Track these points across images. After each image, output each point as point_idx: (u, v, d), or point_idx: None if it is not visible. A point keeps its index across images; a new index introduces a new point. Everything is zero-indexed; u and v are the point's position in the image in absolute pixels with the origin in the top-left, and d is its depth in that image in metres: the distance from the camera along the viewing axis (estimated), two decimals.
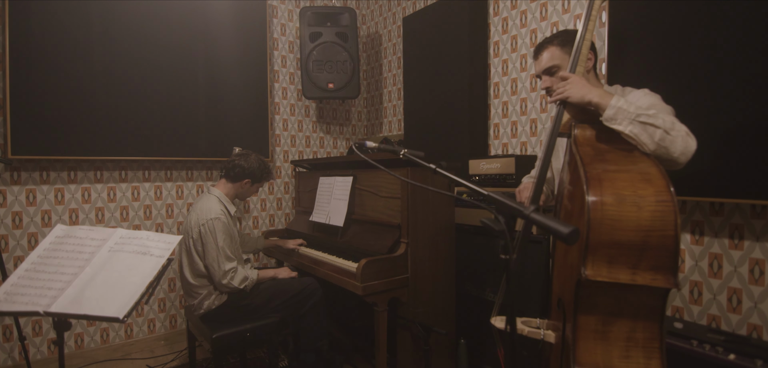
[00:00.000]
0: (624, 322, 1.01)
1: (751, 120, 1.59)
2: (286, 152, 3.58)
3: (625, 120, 1.14)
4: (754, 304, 1.74)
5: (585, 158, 1.10)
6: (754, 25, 1.58)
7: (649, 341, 1.00)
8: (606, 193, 0.99)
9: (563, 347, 1.14)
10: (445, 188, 2.26)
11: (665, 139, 1.12)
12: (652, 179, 1.01)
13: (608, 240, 0.97)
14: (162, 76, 2.84)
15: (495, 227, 0.82)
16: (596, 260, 0.98)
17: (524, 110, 2.59)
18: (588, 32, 1.29)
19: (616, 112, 1.15)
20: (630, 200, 0.98)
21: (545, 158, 1.26)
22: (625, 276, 0.97)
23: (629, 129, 1.13)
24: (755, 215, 1.72)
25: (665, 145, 1.12)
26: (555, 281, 1.33)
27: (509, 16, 2.66)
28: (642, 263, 0.96)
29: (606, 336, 1.03)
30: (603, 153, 1.12)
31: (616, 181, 1.01)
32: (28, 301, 1.15)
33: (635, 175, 1.02)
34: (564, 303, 1.14)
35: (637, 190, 0.99)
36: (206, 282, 2.16)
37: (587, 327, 1.04)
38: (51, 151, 2.51)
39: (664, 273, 0.95)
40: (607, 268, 0.98)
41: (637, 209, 0.97)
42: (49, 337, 2.63)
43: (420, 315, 2.16)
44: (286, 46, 3.56)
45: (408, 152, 1.18)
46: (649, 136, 1.12)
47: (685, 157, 1.16)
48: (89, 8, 2.58)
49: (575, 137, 1.19)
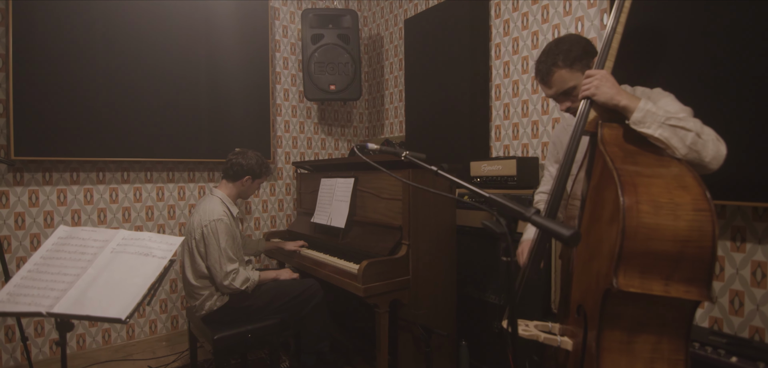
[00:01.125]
0: (650, 334, 0.97)
1: (753, 122, 1.59)
2: (287, 154, 3.58)
3: (654, 123, 1.08)
4: (757, 307, 1.73)
5: (615, 160, 1.03)
6: (756, 27, 1.58)
7: (674, 353, 0.96)
8: (642, 198, 0.94)
9: (583, 355, 1.09)
10: (446, 190, 2.26)
11: (697, 143, 1.08)
12: (688, 185, 0.95)
13: (643, 250, 0.92)
14: (164, 77, 2.85)
15: (496, 230, 0.82)
16: (629, 270, 0.93)
17: (526, 112, 2.59)
18: (619, 25, 1.23)
19: (644, 115, 1.09)
20: (667, 207, 0.92)
21: (567, 158, 1.21)
22: (658, 288, 0.92)
23: (659, 133, 1.08)
24: (757, 218, 1.71)
25: (697, 149, 1.08)
26: (575, 287, 1.26)
27: (510, 18, 2.67)
28: (676, 275, 0.92)
29: (631, 347, 0.98)
30: (633, 155, 1.06)
31: (651, 186, 0.96)
32: (31, 302, 1.15)
33: (670, 181, 0.97)
34: (586, 311, 1.09)
35: (674, 197, 0.93)
36: (208, 283, 2.17)
37: (612, 338, 0.99)
38: (53, 152, 2.52)
39: (698, 286, 0.91)
40: (639, 279, 0.93)
41: (674, 218, 0.91)
42: (51, 338, 2.63)
43: (421, 317, 2.16)
44: (287, 48, 3.57)
45: (409, 154, 1.18)
46: (680, 139, 1.07)
47: (717, 162, 1.11)
48: (91, 10, 2.59)
49: (603, 135, 1.12)
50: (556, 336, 1.24)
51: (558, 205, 1.28)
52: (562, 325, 1.33)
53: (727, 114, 1.65)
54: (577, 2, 2.31)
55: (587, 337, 1.07)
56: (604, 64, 1.23)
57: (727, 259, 1.80)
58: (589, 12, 2.25)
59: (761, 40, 1.57)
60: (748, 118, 1.60)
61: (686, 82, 1.74)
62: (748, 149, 1.60)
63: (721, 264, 1.82)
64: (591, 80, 1.19)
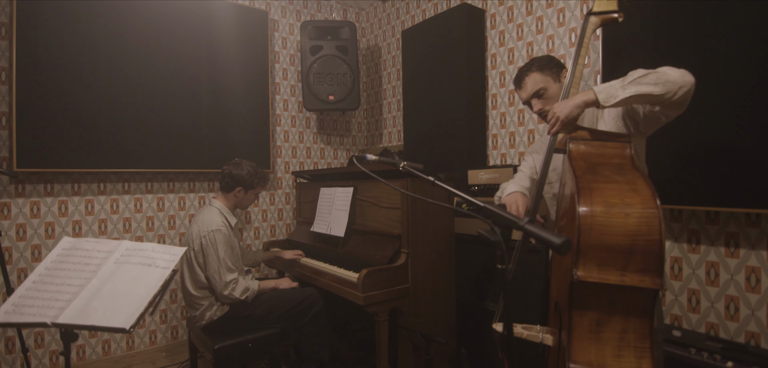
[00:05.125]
0: (616, 323, 1.07)
1: (745, 130, 1.62)
2: (287, 163, 3.61)
3: (618, 91, 1.20)
4: (752, 312, 1.75)
5: (578, 171, 1.17)
6: (749, 33, 1.61)
7: (639, 340, 1.05)
8: (596, 201, 1.07)
9: (560, 349, 1.19)
10: (444, 199, 2.28)
11: (661, 76, 1.18)
12: (638, 189, 1.07)
13: (598, 243, 1.04)
14: (165, 89, 2.89)
15: (491, 238, 0.85)
16: (587, 263, 1.05)
17: (522, 121, 2.63)
18: (580, 58, 1.37)
19: (605, 94, 1.21)
20: (618, 207, 1.05)
21: (542, 176, 1.35)
22: (614, 277, 1.03)
23: (628, 92, 1.18)
24: (750, 224, 1.74)
25: (667, 79, 1.17)
26: (553, 287, 1.39)
27: (506, 29, 2.72)
28: (630, 266, 1.03)
29: (599, 336, 1.08)
30: (595, 167, 1.19)
31: (606, 191, 1.08)
32: (36, 313, 1.17)
33: (624, 186, 1.09)
34: (560, 307, 1.20)
35: (625, 198, 1.06)
36: (208, 294, 2.18)
37: (581, 326, 1.09)
38: (55, 164, 2.54)
39: (651, 275, 1.01)
40: (597, 270, 1.04)
41: (625, 216, 1.03)
42: (51, 349, 2.64)
43: (421, 325, 2.17)
44: (287, 59, 3.62)
45: (407, 165, 1.21)
46: (648, 85, 1.18)
47: (689, 84, 1.20)
48: (94, 24, 2.63)
49: (570, 151, 1.26)
50: (539, 334, 1.35)
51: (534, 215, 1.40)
52: (548, 326, 1.42)
53: (720, 120, 1.68)
54: (570, 13, 2.36)
55: (561, 331, 1.17)
56: (569, 92, 1.37)
57: (722, 265, 1.82)
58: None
59: (757, 44, 1.61)
60: (742, 125, 1.64)
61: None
62: (741, 156, 1.64)
63: (716, 270, 1.84)
64: (552, 117, 1.31)
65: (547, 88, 1.50)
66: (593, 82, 2.21)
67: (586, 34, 1.40)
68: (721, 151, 1.69)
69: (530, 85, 1.52)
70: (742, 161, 1.63)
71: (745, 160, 1.62)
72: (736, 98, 1.64)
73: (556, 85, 1.50)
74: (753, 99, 1.60)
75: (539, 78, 1.50)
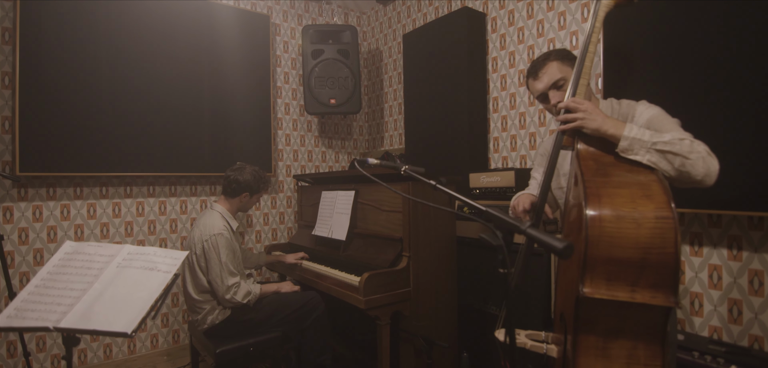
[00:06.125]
0: (625, 340, 0.99)
1: (748, 132, 1.62)
2: (288, 167, 3.62)
3: (641, 150, 1.12)
4: (755, 315, 1.75)
5: (586, 173, 1.09)
6: (750, 37, 1.61)
7: (650, 359, 0.97)
8: (604, 209, 0.98)
9: (564, 362, 1.13)
10: (445, 203, 2.28)
11: (685, 164, 1.12)
12: (652, 194, 0.99)
13: (606, 257, 0.96)
14: (167, 93, 2.90)
15: (493, 242, 0.84)
16: (595, 278, 0.97)
17: (523, 124, 2.63)
18: (591, 45, 1.28)
19: (630, 143, 1.13)
20: (629, 216, 0.96)
21: (547, 175, 1.25)
22: (623, 294, 0.95)
23: (647, 158, 1.12)
24: (753, 227, 1.74)
25: (686, 170, 1.12)
26: (558, 295, 1.32)
27: (507, 32, 2.72)
28: (641, 281, 0.95)
29: (606, 353, 1.01)
30: (605, 166, 1.10)
31: (616, 196, 1.00)
32: (38, 317, 1.17)
33: (636, 190, 1.01)
34: (566, 319, 1.13)
35: (637, 206, 0.97)
36: (209, 297, 2.18)
37: (588, 343, 1.02)
38: (58, 168, 2.55)
39: (664, 291, 0.93)
40: (605, 285, 0.96)
41: (636, 226, 0.95)
42: (53, 353, 2.64)
43: (422, 329, 2.16)
44: (288, 62, 3.63)
45: (409, 169, 1.21)
46: (668, 163, 1.12)
47: (710, 179, 1.14)
48: (97, 30, 2.65)
49: (578, 151, 1.17)
50: (543, 345, 1.26)
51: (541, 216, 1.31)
52: (553, 334, 1.36)
53: (722, 123, 1.68)
54: (571, 17, 2.36)
55: (566, 344, 1.10)
56: (579, 82, 1.27)
57: (725, 268, 1.82)
58: (584, 26, 2.30)
59: (757, 48, 1.61)
60: (743, 129, 1.63)
61: (678, 93, 1.77)
62: (743, 160, 1.63)
63: (719, 273, 1.83)
64: (577, 113, 1.20)
65: (566, 80, 1.39)
66: (594, 82, 2.21)
67: (598, 17, 1.30)
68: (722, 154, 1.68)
69: (549, 75, 1.42)
70: (745, 164, 1.62)
71: (747, 163, 1.62)
72: (738, 99, 1.64)
73: None
74: (755, 101, 1.60)
75: (559, 68, 1.41)
